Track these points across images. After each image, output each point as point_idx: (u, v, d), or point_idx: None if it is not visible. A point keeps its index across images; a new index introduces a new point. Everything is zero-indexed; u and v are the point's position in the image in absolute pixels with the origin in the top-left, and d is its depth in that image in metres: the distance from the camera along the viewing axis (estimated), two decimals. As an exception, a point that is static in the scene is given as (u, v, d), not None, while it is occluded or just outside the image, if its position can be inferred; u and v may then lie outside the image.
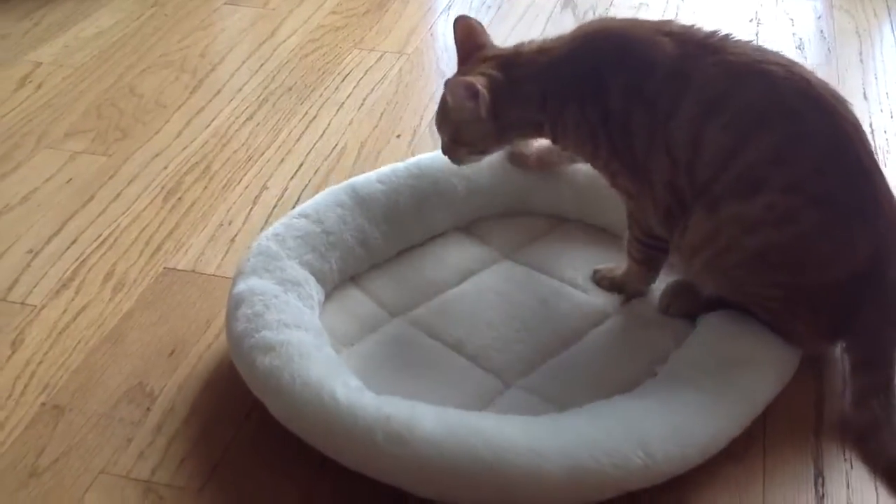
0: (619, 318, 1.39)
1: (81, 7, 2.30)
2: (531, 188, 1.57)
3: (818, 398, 1.29)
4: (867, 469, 1.20)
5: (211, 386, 1.29)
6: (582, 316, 1.39)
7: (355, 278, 1.45)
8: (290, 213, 1.45)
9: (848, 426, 1.24)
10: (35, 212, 1.62)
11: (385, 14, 2.33)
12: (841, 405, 1.28)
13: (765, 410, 1.23)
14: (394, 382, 1.25)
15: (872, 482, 1.18)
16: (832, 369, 1.33)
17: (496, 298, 1.42)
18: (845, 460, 1.21)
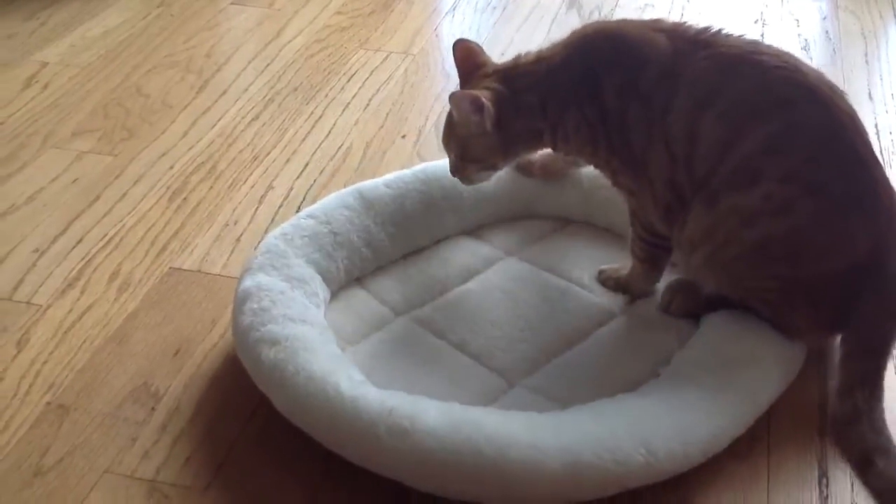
0: (624, 319, 1.40)
1: (88, 7, 2.31)
2: (537, 193, 1.57)
3: (822, 398, 1.29)
4: (841, 457, 1.19)
5: (216, 385, 1.30)
6: (587, 316, 1.39)
7: (361, 279, 1.45)
8: (298, 215, 1.45)
9: (831, 415, 1.24)
10: (41, 211, 1.63)
11: (390, 14, 2.34)
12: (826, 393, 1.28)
13: (769, 410, 1.23)
14: (398, 380, 1.26)
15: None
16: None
17: (501, 297, 1.42)
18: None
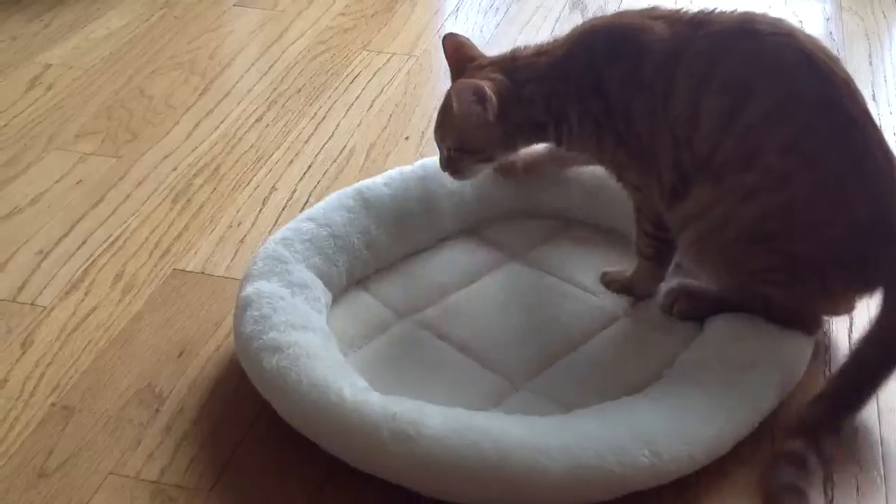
0: (628, 322, 1.39)
1: (91, 9, 2.31)
2: (539, 192, 1.57)
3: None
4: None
5: (220, 387, 1.30)
6: (590, 318, 1.39)
7: (362, 281, 1.45)
8: (298, 218, 1.45)
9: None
10: (45, 213, 1.63)
11: (393, 16, 2.34)
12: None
13: (774, 413, 1.23)
14: (401, 384, 1.25)
15: (882, 486, 1.18)
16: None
17: (505, 299, 1.42)
18: (855, 464, 1.21)
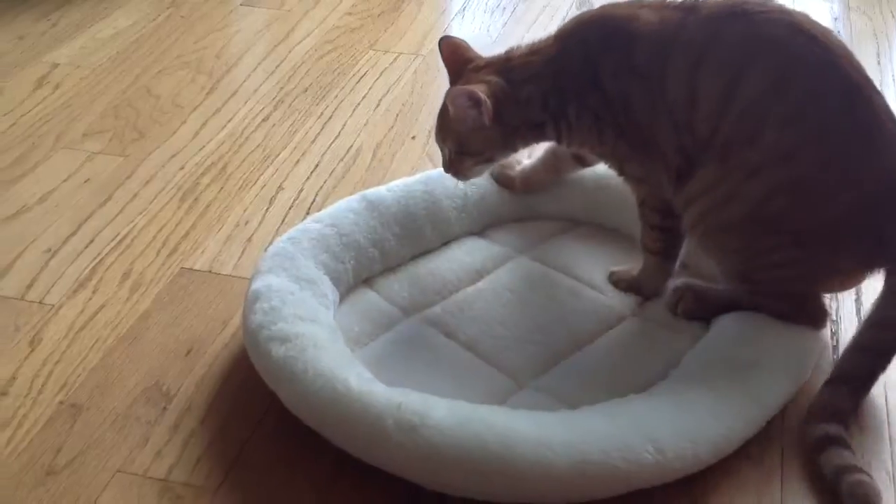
0: (635, 321, 1.39)
1: (98, 8, 2.31)
2: (543, 194, 1.57)
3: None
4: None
5: (227, 385, 1.30)
6: (597, 317, 1.39)
7: (369, 280, 1.45)
8: (304, 221, 1.46)
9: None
10: (52, 212, 1.63)
11: (400, 15, 2.34)
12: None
13: (782, 412, 1.23)
14: (407, 380, 1.25)
15: (891, 486, 1.18)
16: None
17: (511, 297, 1.42)
18: (864, 463, 1.20)
